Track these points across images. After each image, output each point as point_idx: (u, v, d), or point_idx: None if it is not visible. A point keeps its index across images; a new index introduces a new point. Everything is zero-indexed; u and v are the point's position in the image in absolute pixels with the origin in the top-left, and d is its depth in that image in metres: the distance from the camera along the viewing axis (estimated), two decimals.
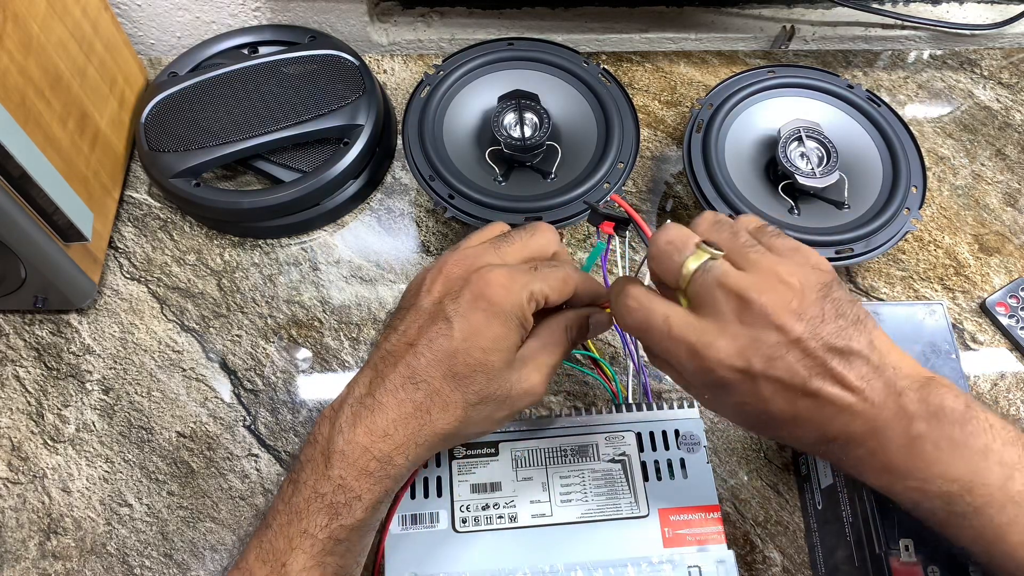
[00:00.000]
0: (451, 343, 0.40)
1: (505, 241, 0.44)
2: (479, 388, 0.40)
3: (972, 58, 0.80)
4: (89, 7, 0.62)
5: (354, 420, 0.40)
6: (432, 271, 0.43)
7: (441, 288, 0.42)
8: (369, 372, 0.41)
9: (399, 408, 0.40)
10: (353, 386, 0.42)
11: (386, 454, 0.39)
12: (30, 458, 0.56)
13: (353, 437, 0.39)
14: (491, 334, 0.40)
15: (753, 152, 0.65)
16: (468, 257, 0.43)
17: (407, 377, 0.40)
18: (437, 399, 0.40)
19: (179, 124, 0.65)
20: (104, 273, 0.63)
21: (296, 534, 0.39)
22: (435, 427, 0.40)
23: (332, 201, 0.65)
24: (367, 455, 0.39)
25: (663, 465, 0.49)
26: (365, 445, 0.39)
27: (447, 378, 0.40)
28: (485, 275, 0.41)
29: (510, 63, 0.67)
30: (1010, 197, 0.71)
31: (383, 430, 0.39)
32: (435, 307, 0.41)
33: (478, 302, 0.40)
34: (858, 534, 0.47)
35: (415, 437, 0.40)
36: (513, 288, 0.41)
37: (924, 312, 0.52)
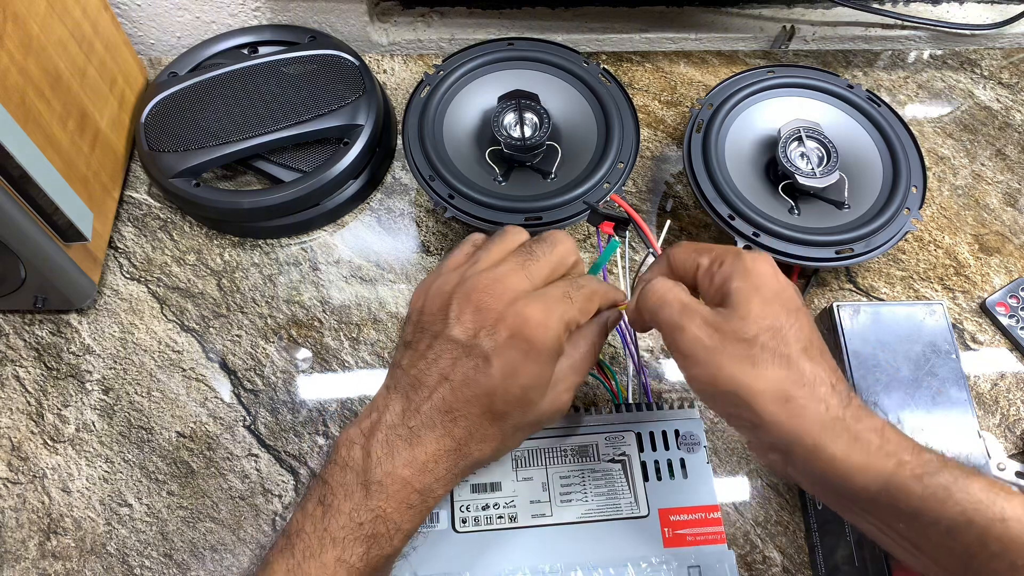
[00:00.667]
0: (490, 381, 0.39)
1: (531, 259, 0.42)
2: (516, 420, 0.41)
3: (972, 58, 0.80)
4: (89, 7, 0.62)
5: (391, 451, 0.39)
6: (458, 294, 0.41)
7: (473, 320, 0.40)
8: (399, 399, 0.41)
9: (438, 443, 0.39)
10: (383, 411, 0.41)
11: (427, 486, 0.39)
12: (30, 458, 0.56)
13: (393, 469, 0.39)
14: (531, 372, 0.40)
15: (753, 152, 0.65)
16: (498, 284, 0.41)
17: (444, 412, 0.39)
18: (476, 433, 0.40)
19: (179, 124, 0.65)
20: (104, 273, 0.63)
21: (331, 561, 0.38)
22: (472, 457, 0.40)
23: (332, 201, 0.65)
24: (408, 488, 0.39)
25: (663, 465, 0.49)
26: (406, 478, 0.39)
27: (485, 415, 0.40)
28: (522, 311, 0.39)
29: (510, 63, 0.67)
30: (1010, 197, 0.71)
31: (423, 464, 0.39)
32: (471, 341, 0.39)
33: (516, 341, 0.39)
34: (858, 534, 0.47)
35: (453, 469, 0.40)
36: (551, 324, 0.40)
37: (924, 312, 0.52)
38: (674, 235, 0.67)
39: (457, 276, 0.42)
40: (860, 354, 0.50)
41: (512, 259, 0.42)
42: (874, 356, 0.50)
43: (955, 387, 0.49)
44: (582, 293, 0.42)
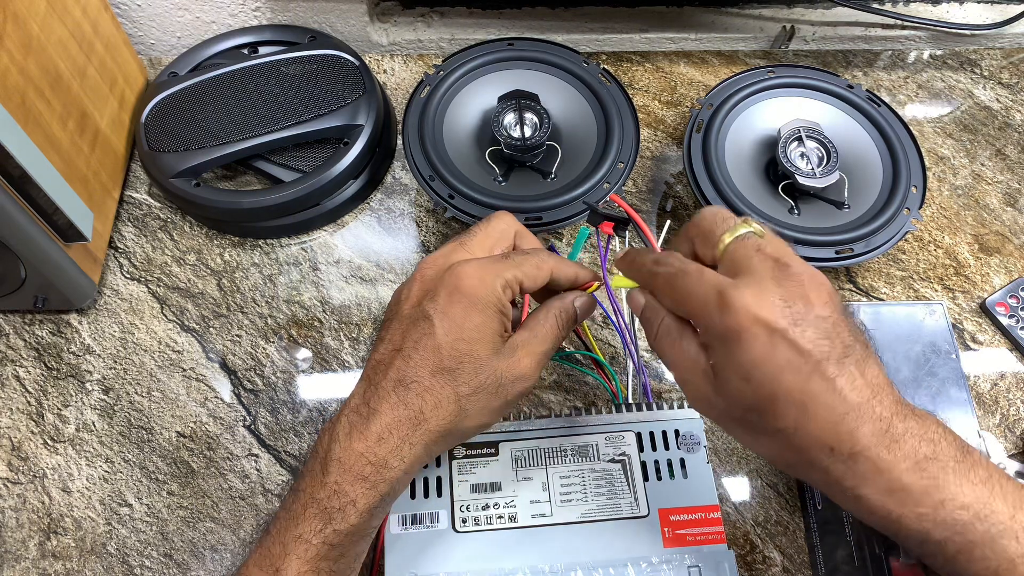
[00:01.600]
0: (434, 340, 0.40)
1: (467, 235, 0.45)
2: (468, 379, 0.41)
3: (972, 58, 0.80)
4: (89, 7, 0.62)
5: (350, 429, 0.40)
6: (409, 279, 0.44)
7: (418, 291, 0.43)
8: (362, 383, 0.42)
9: (392, 412, 0.40)
10: (349, 399, 0.42)
11: (381, 458, 0.40)
12: (30, 458, 0.56)
13: (349, 444, 0.40)
14: (471, 324, 0.41)
15: (753, 152, 0.65)
16: (439, 258, 0.44)
17: (397, 380, 0.40)
18: (429, 397, 0.40)
19: (179, 124, 0.65)
20: (104, 273, 0.63)
21: (291, 539, 0.39)
22: (429, 425, 0.40)
23: (332, 201, 0.65)
24: (362, 460, 0.39)
25: (663, 465, 0.49)
26: (360, 451, 0.39)
27: (435, 374, 0.40)
28: (456, 270, 0.42)
29: (510, 63, 0.67)
30: (1010, 197, 0.71)
31: (377, 435, 0.40)
32: (414, 310, 0.42)
33: (454, 296, 0.41)
34: (858, 534, 0.47)
35: (409, 438, 0.40)
36: (486, 278, 0.41)
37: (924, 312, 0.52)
38: (674, 235, 0.67)
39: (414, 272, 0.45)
40: None
41: (453, 240, 0.45)
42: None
43: (955, 387, 0.49)
44: (527, 259, 0.44)
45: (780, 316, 0.35)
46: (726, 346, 0.36)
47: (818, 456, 0.36)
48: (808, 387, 0.35)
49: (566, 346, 0.61)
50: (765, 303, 0.35)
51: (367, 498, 0.39)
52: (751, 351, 0.35)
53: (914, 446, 0.35)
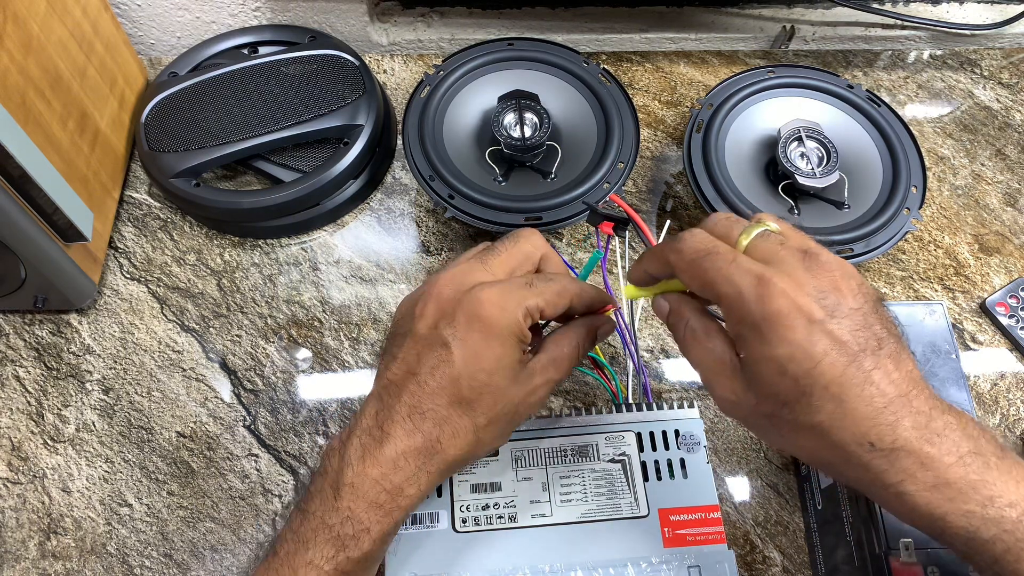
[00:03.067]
0: (452, 369, 0.39)
1: (491, 254, 0.43)
2: (486, 409, 0.40)
3: (972, 58, 0.80)
4: (89, 7, 0.62)
5: (363, 452, 0.39)
6: (423, 294, 0.42)
7: (434, 311, 0.41)
8: (374, 403, 0.41)
9: (408, 439, 0.39)
10: (360, 417, 0.41)
11: (396, 485, 0.39)
12: (30, 458, 0.56)
13: (363, 469, 0.39)
14: (491, 355, 0.39)
15: (753, 152, 0.65)
16: (457, 276, 0.41)
17: (412, 407, 0.39)
18: (447, 427, 0.39)
19: (179, 124, 0.65)
20: (104, 273, 0.63)
21: (301, 564, 0.38)
22: (447, 455, 0.39)
23: (332, 201, 0.65)
24: (377, 487, 0.38)
25: (663, 465, 0.49)
26: (375, 477, 0.38)
27: (453, 405, 0.39)
28: (478, 295, 0.40)
29: (510, 63, 0.67)
30: (1010, 197, 0.71)
31: (392, 461, 0.39)
32: (431, 332, 0.40)
33: (473, 323, 0.39)
34: (858, 534, 0.47)
35: (426, 466, 0.39)
36: (508, 306, 0.40)
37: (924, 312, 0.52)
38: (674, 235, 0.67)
39: (425, 287, 0.43)
40: None
41: (474, 256, 0.43)
42: None
43: (955, 387, 0.49)
44: (549, 285, 0.42)
45: (816, 307, 0.34)
46: (761, 335, 0.34)
47: (857, 451, 0.34)
48: (845, 379, 0.33)
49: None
50: (802, 292, 0.34)
51: (381, 525, 0.39)
52: (790, 340, 0.34)
53: (956, 441, 0.34)
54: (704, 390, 0.60)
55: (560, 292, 0.42)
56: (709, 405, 0.59)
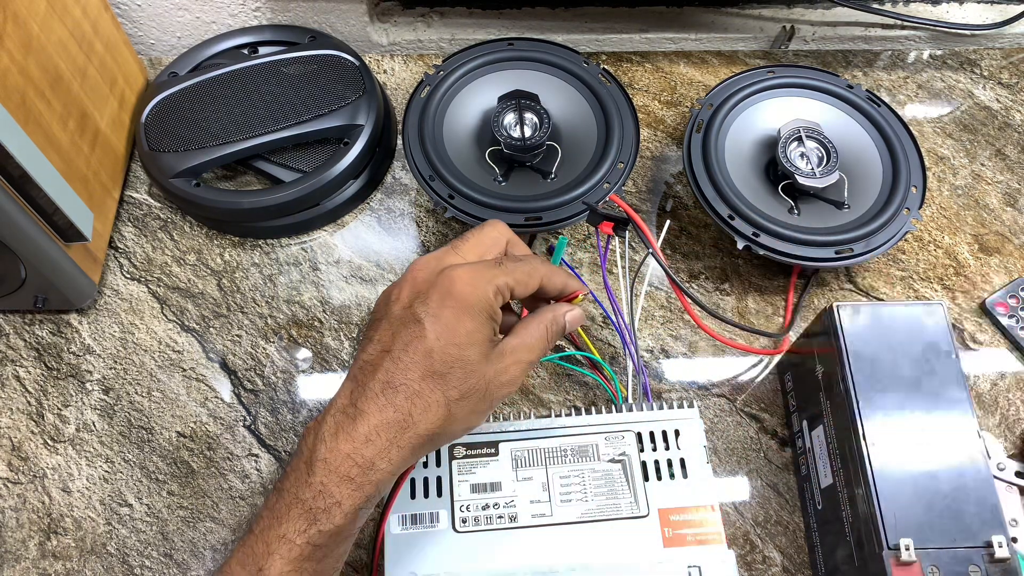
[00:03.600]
0: (425, 343, 0.40)
1: (461, 240, 0.45)
2: (458, 383, 0.41)
3: (972, 58, 0.80)
4: (89, 7, 0.62)
5: (336, 429, 0.40)
6: (399, 281, 0.44)
7: (408, 293, 0.42)
8: (349, 384, 0.42)
9: (380, 414, 0.40)
10: (335, 398, 0.42)
11: (368, 459, 0.40)
12: (30, 458, 0.56)
13: (335, 445, 0.40)
14: (463, 329, 0.41)
15: (753, 152, 0.65)
16: (431, 261, 0.44)
17: (385, 383, 0.40)
18: (418, 400, 0.40)
19: (179, 124, 0.65)
20: (104, 273, 0.63)
21: (274, 538, 0.39)
22: (418, 429, 0.40)
23: (332, 201, 0.65)
24: (348, 461, 0.39)
25: (663, 465, 0.49)
26: (347, 452, 0.39)
27: (426, 378, 0.40)
28: (449, 274, 0.42)
29: (510, 63, 0.67)
30: (1010, 197, 0.71)
31: (365, 436, 0.40)
32: (405, 312, 0.42)
33: (446, 300, 0.41)
34: (858, 534, 0.47)
35: (397, 440, 0.40)
36: (478, 283, 0.41)
37: (924, 312, 0.52)
38: (674, 235, 0.67)
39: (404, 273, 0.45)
40: (860, 354, 0.50)
41: (448, 245, 0.45)
42: (874, 356, 0.50)
43: (955, 387, 0.49)
44: (518, 265, 0.44)
45: None
46: None
47: None
48: None
49: (565, 346, 0.61)
50: None
51: (352, 499, 0.39)
52: None
53: None
54: (704, 390, 0.60)
55: (530, 272, 0.44)
56: (709, 405, 0.59)
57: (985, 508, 0.45)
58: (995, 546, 0.44)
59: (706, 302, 0.64)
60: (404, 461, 0.41)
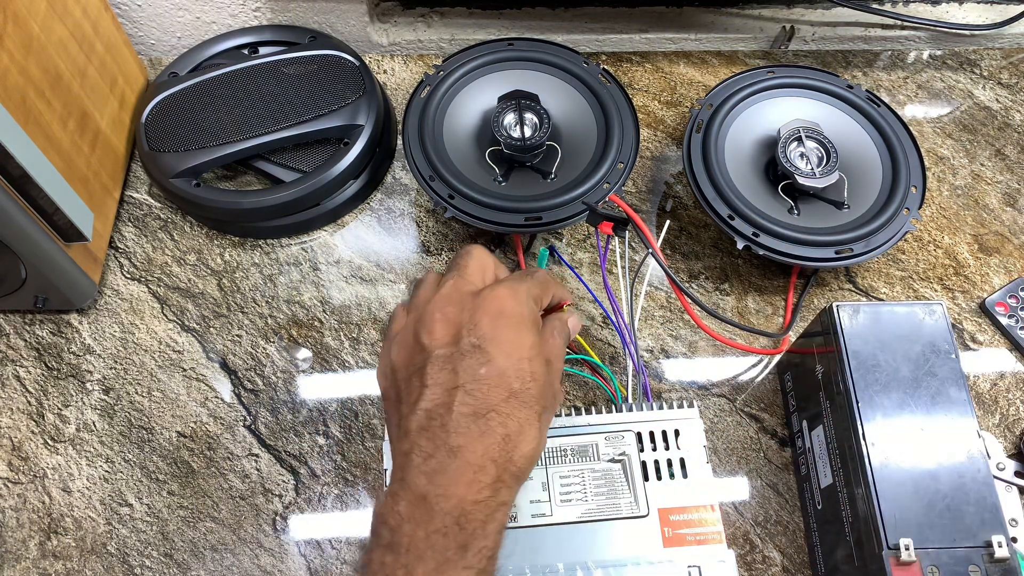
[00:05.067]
0: (496, 366, 0.38)
1: (461, 270, 0.43)
2: (539, 396, 0.39)
3: (972, 58, 0.80)
4: (89, 7, 0.62)
5: (440, 474, 0.36)
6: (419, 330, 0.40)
7: (445, 330, 0.39)
8: (420, 438, 0.38)
9: (481, 439, 0.37)
10: (401, 465, 0.38)
11: (487, 484, 0.37)
12: (30, 458, 0.56)
13: (450, 490, 0.36)
14: (526, 343, 0.39)
15: (753, 152, 0.65)
16: (450, 296, 0.41)
17: (470, 416, 0.37)
18: (511, 422, 0.38)
19: (179, 124, 0.65)
20: (104, 273, 0.63)
21: None
22: (524, 449, 0.38)
23: (332, 201, 0.65)
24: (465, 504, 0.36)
25: (663, 465, 0.49)
26: (461, 495, 0.36)
27: (509, 399, 0.38)
28: (489, 296, 0.40)
29: (510, 63, 0.67)
30: (1010, 197, 0.71)
31: (477, 464, 0.37)
32: (455, 347, 0.39)
33: (499, 320, 0.39)
34: (858, 534, 0.47)
35: (508, 466, 0.38)
36: (522, 298, 0.41)
37: (924, 312, 0.52)
38: (674, 235, 0.67)
39: (409, 326, 0.41)
40: (860, 354, 0.50)
41: (445, 280, 0.42)
42: (873, 356, 0.50)
43: (954, 387, 0.49)
44: (536, 277, 0.44)
45: None
46: None
47: None
48: None
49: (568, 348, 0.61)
50: None
51: (494, 536, 0.37)
52: None
53: None
54: (704, 390, 0.60)
55: (545, 282, 0.44)
56: (709, 405, 0.60)
57: (985, 508, 0.45)
58: (995, 546, 0.44)
59: (706, 302, 0.64)
60: (519, 482, 0.39)
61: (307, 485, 0.56)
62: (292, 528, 0.54)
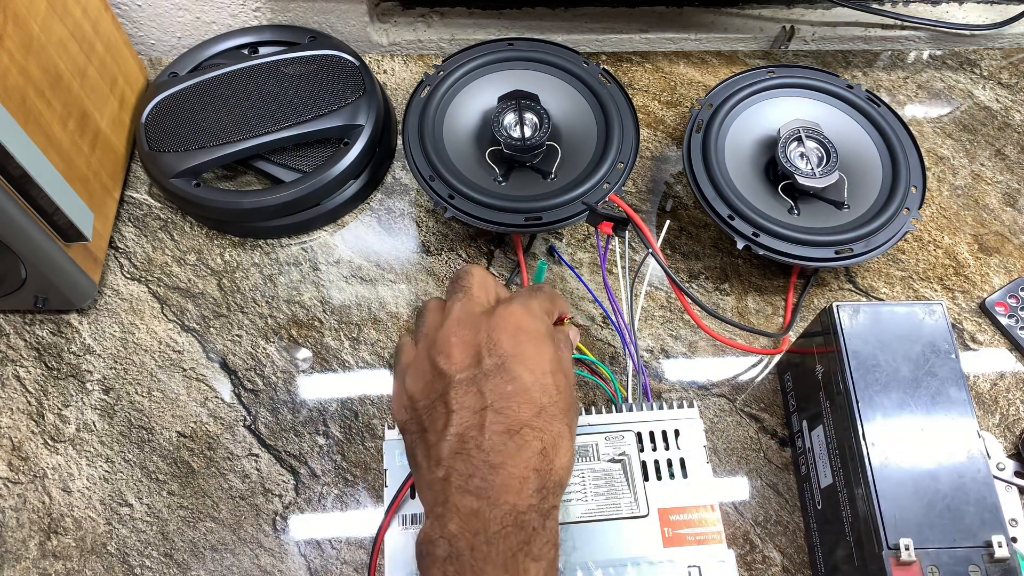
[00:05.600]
0: (522, 383, 0.38)
1: (466, 291, 0.42)
2: (566, 408, 0.39)
3: (972, 58, 0.80)
4: (89, 7, 0.62)
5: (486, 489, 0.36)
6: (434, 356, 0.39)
7: (464, 354, 0.39)
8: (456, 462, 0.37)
9: (520, 453, 0.36)
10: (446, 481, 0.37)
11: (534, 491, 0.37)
12: (30, 458, 0.56)
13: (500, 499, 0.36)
14: (546, 358, 0.39)
15: (753, 152, 0.65)
16: (461, 319, 0.40)
17: (504, 433, 0.37)
18: (546, 436, 0.38)
19: (179, 124, 0.65)
20: (104, 273, 0.63)
21: None
22: (562, 460, 0.38)
23: (332, 201, 0.65)
24: (529, 513, 0.36)
25: (663, 465, 0.49)
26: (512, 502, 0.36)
27: (540, 415, 0.38)
28: (505, 313, 0.40)
29: (510, 63, 0.67)
30: (1010, 197, 0.71)
31: (521, 475, 0.36)
32: (477, 369, 0.38)
33: (519, 336, 0.39)
34: (858, 534, 0.47)
35: (550, 476, 0.37)
36: (535, 312, 0.41)
37: (924, 312, 0.52)
38: (674, 235, 0.67)
39: (422, 354, 0.41)
40: (859, 354, 0.50)
41: (452, 304, 0.42)
42: (873, 356, 0.50)
43: (954, 387, 0.49)
44: (542, 292, 0.44)
45: None
46: None
47: None
48: None
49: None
50: None
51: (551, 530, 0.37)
52: None
53: None
54: (704, 390, 0.60)
55: (553, 297, 0.45)
56: (709, 405, 0.60)
57: (985, 508, 0.45)
58: (995, 546, 0.44)
59: (706, 302, 0.64)
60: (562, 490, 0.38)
61: (307, 485, 0.56)
62: (292, 528, 0.54)
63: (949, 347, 0.51)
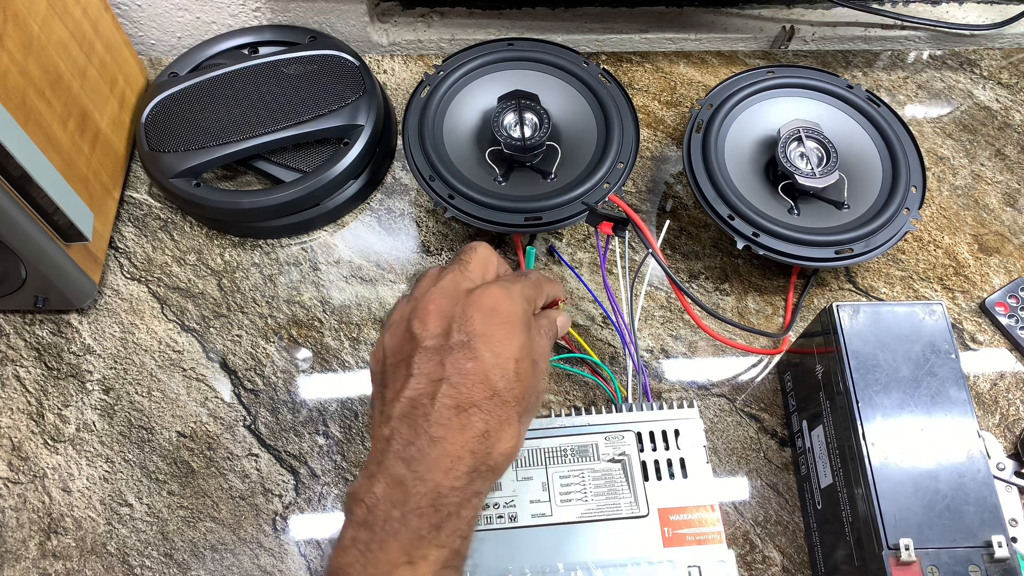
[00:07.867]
0: (483, 364, 0.39)
1: (463, 264, 0.44)
2: (521, 397, 0.40)
3: (972, 58, 0.80)
4: (90, 7, 0.62)
5: (419, 461, 0.37)
6: (413, 318, 0.41)
7: (439, 322, 0.40)
8: (401, 425, 0.38)
9: (462, 432, 0.38)
10: (380, 449, 0.38)
11: (464, 473, 0.38)
12: (30, 458, 0.56)
13: (427, 475, 0.37)
14: (515, 344, 0.40)
15: (753, 152, 0.66)
16: (447, 288, 0.42)
17: (452, 408, 0.38)
18: (492, 420, 0.38)
19: (179, 124, 0.65)
20: (104, 273, 0.63)
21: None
22: (503, 447, 0.39)
23: (332, 201, 0.65)
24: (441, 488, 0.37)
25: (663, 465, 0.50)
26: (438, 480, 0.37)
27: (492, 397, 0.39)
28: (486, 292, 0.41)
29: (510, 63, 0.67)
30: (1010, 197, 0.71)
31: (456, 454, 0.37)
32: (445, 340, 0.39)
33: (492, 318, 0.40)
34: (858, 534, 0.47)
35: (486, 460, 0.38)
36: (516, 298, 0.41)
37: (923, 312, 0.52)
38: (674, 235, 0.67)
39: (404, 315, 0.42)
40: (859, 354, 0.50)
41: (445, 273, 0.43)
42: (873, 356, 0.50)
43: (954, 387, 0.49)
44: (530, 278, 0.45)
45: None
46: None
47: None
48: None
49: (565, 346, 0.61)
50: None
51: (470, 519, 0.38)
52: None
53: None
54: (704, 390, 0.60)
55: (539, 283, 0.45)
56: (709, 405, 0.60)
57: (985, 508, 0.45)
58: (995, 546, 0.44)
59: (706, 302, 0.64)
60: (493, 480, 0.39)
61: (307, 485, 0.56)
62: (292, 528, 0.54)
63: (949, 347, 0.51)
